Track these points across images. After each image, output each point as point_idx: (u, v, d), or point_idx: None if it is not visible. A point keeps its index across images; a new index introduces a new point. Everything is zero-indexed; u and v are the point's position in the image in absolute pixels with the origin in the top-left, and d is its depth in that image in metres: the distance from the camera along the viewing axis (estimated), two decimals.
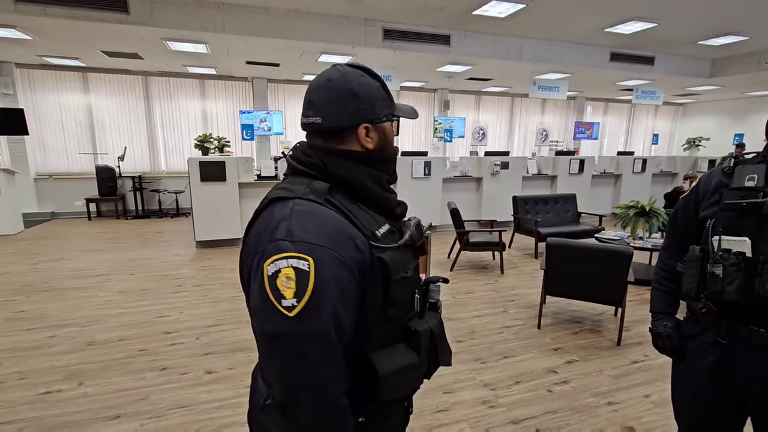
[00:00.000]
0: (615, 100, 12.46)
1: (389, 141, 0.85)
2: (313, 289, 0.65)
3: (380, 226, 0.78)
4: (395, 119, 0.86)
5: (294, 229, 0.69)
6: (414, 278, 0.83)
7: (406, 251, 0.81)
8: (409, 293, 0.82)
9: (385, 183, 0.86)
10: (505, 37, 6.94)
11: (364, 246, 0.73)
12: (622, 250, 2.97)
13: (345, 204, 0.76)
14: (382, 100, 0.83)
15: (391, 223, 0.83)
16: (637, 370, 2.68)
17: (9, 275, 4.43)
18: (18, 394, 2.36)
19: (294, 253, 0.66)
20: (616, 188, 8.44)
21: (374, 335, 0.76)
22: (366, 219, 0.77)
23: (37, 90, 7.82)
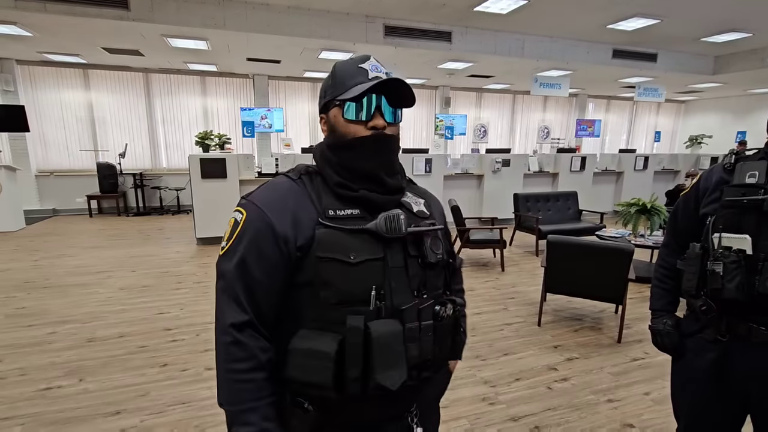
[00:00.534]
0: (617, 98, 12.41)
1: (338, 127, 0.82)
2: (236, 235, 0.78)
3: (343, 209, 0.80)
4: (337, 104, 0.81)
5: (254, 192, 0.83)
6: (369, 271, 0.77)
7: (362, 238, 0.78)
8: (357, 285, 0.76)
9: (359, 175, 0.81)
10: (507, 34, 6.91)
11: (308, 220, 0.78)
12: (623, 247, 2.96)
13: (315, 184, 0.83)
14: (328, 88, 0.84)
15: (366, 211, 0.81)
16: (637, 368, 2.68)
17: (10, 272, 4.45)
18: (18, 390, 2.37)
19: (238, 207, 0.82)
20: (617, 186, 8.42)
21: (305, 314, 0.79)
22: (328, 200, 0.81)
23: (38, 87, 7.82)
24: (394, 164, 0.87)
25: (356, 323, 0.75)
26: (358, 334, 0.74)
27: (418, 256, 0.83)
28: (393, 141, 0.85)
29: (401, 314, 0.78)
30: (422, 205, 0.92)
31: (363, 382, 0.75)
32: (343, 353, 0.74)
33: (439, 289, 0.89)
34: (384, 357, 0.75)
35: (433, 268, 0.85)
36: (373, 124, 0.80)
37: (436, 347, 0.83)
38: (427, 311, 0.82)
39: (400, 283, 0.80)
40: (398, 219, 0.79)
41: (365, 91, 0.78)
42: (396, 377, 0.76)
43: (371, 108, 0.80)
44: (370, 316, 0.76)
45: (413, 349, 0.79)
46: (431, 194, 1.02)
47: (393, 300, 0.79)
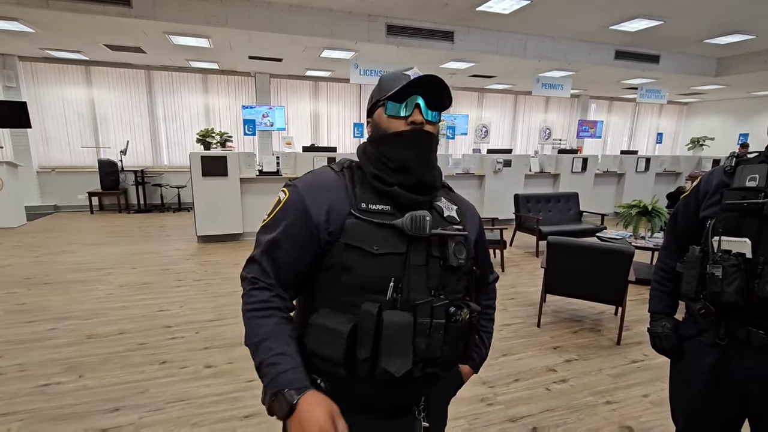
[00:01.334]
0: (619, 99, 12.39)
1: (381, 124, 0.89)
2: (276, 212, 0.87)
3: (376, 204, 0.86)
4: (381, 104, 0.89)
5: (300, 177, 0.92)
6: (389, 264, 0.83)
7: (387, 232, 0.83)
8: (376, 274, 0.82)
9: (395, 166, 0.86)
10: (509, 34, 6.90)
11: (341, 210, 0.85)
12: (623, 249, 2.95)
13: (354, 177, 0.90)
14: (374, 94, 0.92)
15: (396, 208, 0.87)
16: (636, 370, 2.68)
17: (11, 268, 4.46)
18: (18, 386, 2.37)
19: (284, 188, 0.90)
20: (618, 187, 8.41)
21: (327, 295, 0.86)
22: (363, 194, 0.87)
23: (40, 83, 7.83)
24: (431, 159, 0.90)
25: (371, 309, 0.80)
26: (370, 320, 0.80)
27: (440, 258, 0.87)
28: (430, 137, 0.89)
29: (415, 308, 0.83)
30: (454, 211, 0.95)
31: (371, 364, 0.81)
32: (356, 335, 0.80)
33: (459, 294, 0.91)
34: (392, 344, 0.80)
35: (454, 272, 0.89)
36: (412, 119, 0.86)
37: (446, 347, 0.85)
38: (441, 310, 0.85)
39: (418, 280, 0.85)
40: (423, 219, 0.83)
41: (405, 89, 0.84)
42: (400, 365, 0.81)
43: (411, 105, 0.86)
44: (385, 305, 0.82)
45: (421, 343, 0.83)
46: (470, 205, 1.05)
47: (409, 294, 0.84)
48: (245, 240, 5.93)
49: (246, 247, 5.51)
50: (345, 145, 9.85)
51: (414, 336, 0.82)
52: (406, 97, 0.85)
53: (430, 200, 0.92)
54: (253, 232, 5.93)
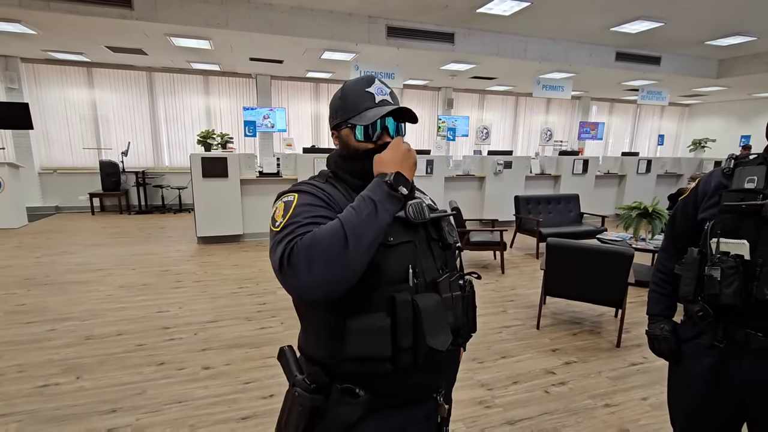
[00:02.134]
0: (620, 101, 12.38)
1: (350, 144, 0.93)
2: (293, 208, 0.84)
3: None
4: (348, 126, 0.93)
5: (295, 184, 0.94)
6: (404, 252, 0.87)
7: (395, 224, 0.86)
8: (396, 264, 0.86)
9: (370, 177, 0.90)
10: (510, 36, 6.90)
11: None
12: (623, 251, 2.94)
13: (341, 186, 0.94)
14: (339, 109, 0.95)
15: None
16: (635, 373, 2.66)
17: (11, 269, 4.46)
18: (16, 386, 2.37)
19: (287, 193, 0.90)
20: (620, 189, 8.39)
21: (353, 299, 0.83)
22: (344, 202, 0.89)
23: (42, 84, 7.86)
24: None
25: (405, 298, 0.84)
26: (408, 308, 0.84)
27: (438, 239, 0.95)
28: None
29: (437, 287, 0.90)
30: (428, 199, 1.02)
31: (414, 351, 0.85)
32: (395, 327, 0.83)
33: (456, 270, 1.00)
34: (432, 324, 0.85)
35: (450, 250, 0.98)
36: (381, 143, 0.92)
37: (465, 316, 0.95)
38: (455, 284, 0.94)
39: (428, 262, 0.91)
40: (422, 207, 0.91)
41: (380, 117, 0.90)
42: (444, 340, 0.87)
43: (379, 130, 0.92)
44: (410, 291, 0.86)
45: (450, 317, 0.90)
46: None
47: (425, 277, 0.90)
48: (245, 241, 5.93)
49: (246, 249, 5.52)
50: None
51: (445, 311, 0.89)
52: (373, 124, 0.91)
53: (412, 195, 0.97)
54: (254, 233, 5.93)
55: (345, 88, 0.95)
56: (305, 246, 0.74)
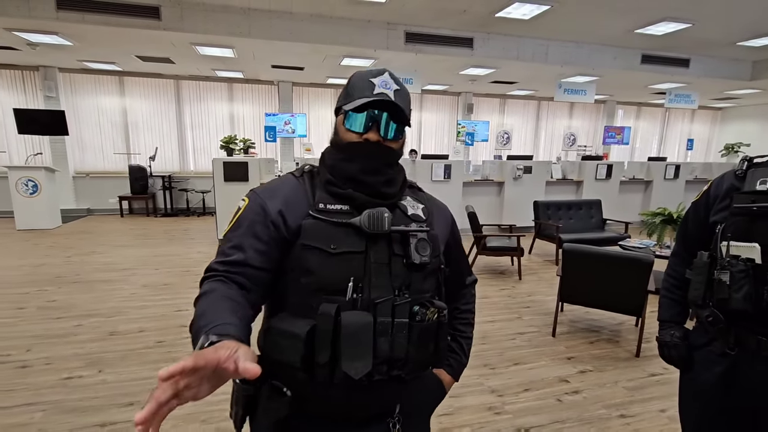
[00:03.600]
0: (648, 104, 12.02)
1: (340, 132, 0.89)
2: (237, 219, 0.86)
3: (334, 204, 0.85)
4: (342, 113, 0.89)
5: (262, 184, 0.93)
6: (348, 263, 0.81)
7: (345, 231, 0.82)
8: (335, 274, 0.80)
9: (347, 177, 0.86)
10: (530, 39, 6.83)
11: (300, 212, 0.84)
12: (642, 257, 2.86)
13: (314, 182, 0.90)
14: (341, 95, 0.92)
15: (355, 208, 0.85)
16: (654, 384, 2.57)
17: (44, 267, 4.70)
18: (43, 378, 2.50)
19: (243, 196, 0.90)
20: (645, 195, 8.13)
21: (287, 299, 0.84)
22: (321, 195, 0.86)
23: (78, 93, 8.27)
24: (385, 174, 0.87)
25: (328, 310, 0.78)
26: (328, 321, 0.77)
27: (403, 256, 0.84)
28: (387, 151, 0.87)
29: (375, 308, 0.80)
30: (419, 209, 0.93)
31: (330, 368, 0.78)
32: (314, 338, 0.77)
33: (426, 293, 0.88)
34: (351, 346, 0.77)
35: (419, 271, 0.85)
36: (366, 137, 0.85)
37: (411, 347, 0.82)
38: (403, 309, 0.82)
39: (381, 280, 0.82)
40: (381, 216, 0.81)
41: (365, 105, 0.84)
42: (360, 367, 0.78)
43: (368, 122, 0.85)
44: (345, 306, 0.79)
45: (383, 344, 0.80)
46: (441, 205, 1.03)
47: (371, 293, 0.81)
48: None
49: None
50: None
51: (375, 336, 0.79)
52: (366, 109, 0.84)
53: (393, 202, 0.89)
54: None
55: (354, 74, 0.91)
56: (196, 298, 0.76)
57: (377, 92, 0.84)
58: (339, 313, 0.78)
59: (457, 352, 1.08)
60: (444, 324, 0.88)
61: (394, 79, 0.88)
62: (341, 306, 0.79)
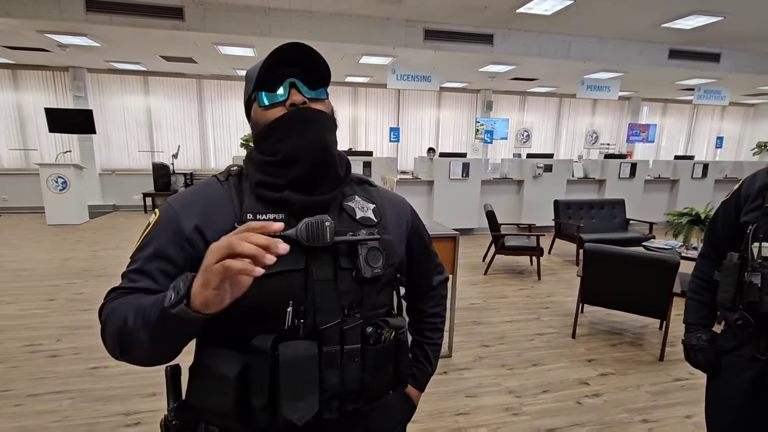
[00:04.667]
0: (675, 101, 11.64)
1: (260, 121, 0.75)
2: (145, 236, 0.73)
3: (265, 213, 0.71)
4: (253, 99, 0.75)
5: (175, 193, 0.78)
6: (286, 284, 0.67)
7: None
8: (270, 299, 0.66)
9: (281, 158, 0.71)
10: (552, 35, 6.70)
11: (222, 224, 0.69)
12: (667, 258, 2.77)
13: (242, 186, 0.75)
14: (246, 89, 0.78)
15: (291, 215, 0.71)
16: (679, 389, 2.49)
17: (72, 260, 4.87)
18: (71, 367, 2.59)
19: (158, 207, 0.76)
20: (671, 194, 7.88)
21: (214, 328, 0.66)
22: (250, 203, 0.72)
23: (104, 92, 8.53)
24: (325, 140, 0.73)
25: (262, 343, 0.65)
26: (263, 357, 0.65)
27: (351, 269, 0.72)
28: (320, 114, 0.73)
29: (320, 335, 0.68)
30: (370, 211, 0.79)
31: (271, 412, 0.66)
32: (248, 379, 0.65)
33: (382, 308, 0.77)
34: (293, 385, 0.66)
35: (372, 284, 0.73)
36: (290, 102, 0.72)
37: (367, 375, 0.72)
38: (354, 333, 0.71)
39: (327, 300, 0.70)
40: (322, 226, 0.67)
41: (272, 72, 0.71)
42: (304, 410, 0.66)
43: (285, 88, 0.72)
44: (285, 335, 0.67)
45: (332, 377, 0.69)
46: (396, 198, 0.89)
47: (315, 318, 0.69)
48: None
49: None
50: (382, 150, 9.93)
51: (321, 369, 0.68)
52: (277, 83, 0.72)
53: (339, 200, 0.76)
54: None
55: (247, 71, 0.79)
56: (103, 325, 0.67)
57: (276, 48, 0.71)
58: (276, 345, 0.66)
59: (422, 361, 0.96)
60: (403, 342, 0.78)
61: None
62: (279, 336, 0.66)
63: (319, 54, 0.74)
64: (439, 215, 6.32)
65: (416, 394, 0.95)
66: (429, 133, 10.32)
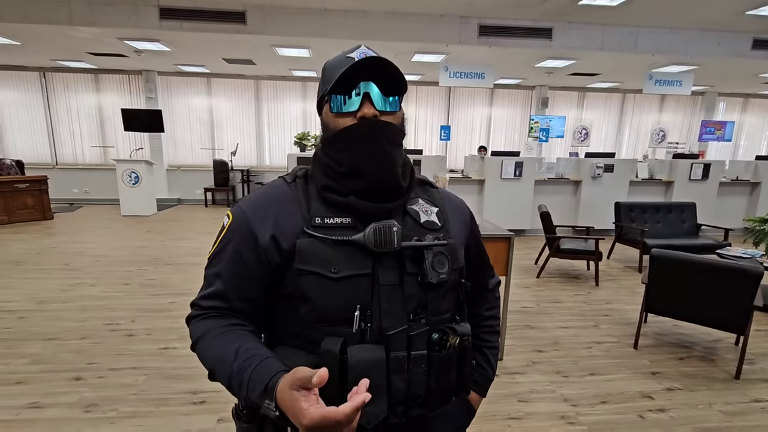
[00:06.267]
0: (757, 95, 10.55)
1: (329, 124, 0.75)
2: (220, 240, 0.76)
3: (333, 217, 0.72)
4: (326, 100, 0.75)
5: (246, 196, 0.80)
6: (353, 288, 0.69)
7: (347, 250, 0.70)
8: (338, 303, 0.69)
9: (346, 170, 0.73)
10: (616, 27, 6.31)
11: (293, 228, 0.72)
12: (748, 268, 2.53)
13: (308, 188, 0.77)
14: (319, 86, 0.78)
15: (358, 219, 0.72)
16: (758, 411, 2.28)
17: (144, 249, 5.30)
18: (145, 346, 2.83)
19: (228, 211, 0.79)
20: (752, 198, 7.17)
21: (286, 329, 0.74)
22: (318, 207, 0.74)
23: (172, 93, 9.16)
24: (389, 155, 0.73)
25: (332, 346, 0.66)
26: (332, 359, 0.65)
27: (417, 274, 0.73)
28: (387, 127, 0.73)
29: (387, 340, 0.69)
30: (434, 214, 0.80)
31: None
32: None
33: (445, 314, 0.78)
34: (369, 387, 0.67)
35: (436, 289, 0.74)
36: (361, 114, 0.71)
37: (432, 381, 0.72)
38: (421, 339, 0.71)
39: (393, 304, 0.71)
40: (390, 231, 0.69)
41: (349, 78, 0.70)
42: (373, 414, 0.66)
43: (359, 96, 0.71)
44: (353, 339, 0.68)
45: (399, 382, 0.69)
46: (456, 200, 0.90)
47: (382, 322, 0.70)
48: None
49: None
50: (432, 148, 9.87)
51: (388, 374, 0.68)
52: (352, 87, 0.71)
53: (402, 204, 0.77)
54: None
55: (326, 62, 0.78)
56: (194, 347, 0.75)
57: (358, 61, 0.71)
58: (345, 348, 0.67)
59: (483, 366, 0.96)
60: (468, 349, 0.78)
61: (371, 49, 0.76)
62: (347, 339, 0.68)
63: (396, 66, 0.73)
64: (490, 215, 6.18)
65: (477, 399, 0.95)
66: (480, 131, 10.10)
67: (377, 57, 0.72)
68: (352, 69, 0.70)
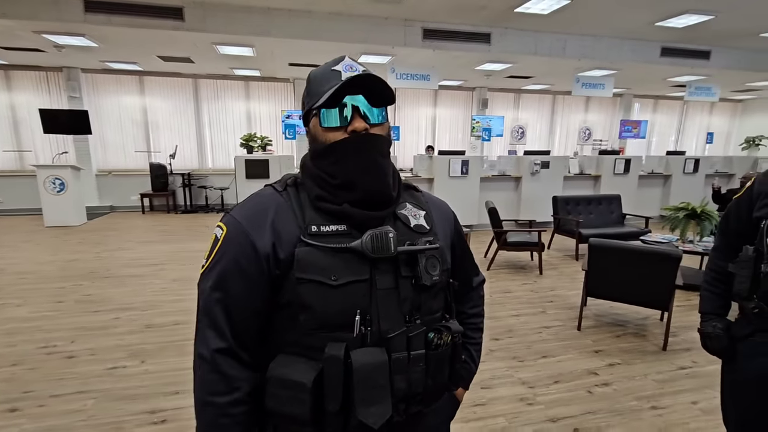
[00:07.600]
0: (666, 97, 11.85)
1: (318, 137, 0.76)
2: (215, 253, 0.74)
3: (328, 225, 0.74)
4: (315, 113, 0.75)
5: (237, 206, 0.79)
6: (353, 294, 0.71)
7: (345, 257, 0.72)
8: (338, 309, 0.71)
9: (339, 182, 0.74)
10: (548, 34, 6.79)
11: (290, 237, 0.73)
12: (671, 252, 2.87)
13: (300, 197, 0.78)
14: (305, 98, 0.79)
15: (353, 227, 0.74)
16: (684, 377, 2.60)
17: (76, 262, 4.85)
18: (90, 368, 2.61)
19: (219, 222, 0.77)
20: (664, 189, 8.06)
21: (286, 338, 0.75)
22: (312, 215, 0.75)
23: (100, 93, 8.45)
24: (381, 167, 0.76)
25: (336, 352, 0.69)
26: (337, 364, 0.68)
27: (411, 277, 0.76)
28: (377, 140, 0.75)
29: (388, 343, 0.72)
30: (422, 218, 0.82)
31: (344, 417, 0.70)
32: (322, 384, 0.69)
33: (436, 313, 0.81)
34: (366, 391, 0.69)
35: (428, 290, 0.78)
36: (352, 129, 0.73)
37: (429, 379, 0.76)
38: (419, 339, 0.75)
39: (390, 307, 0.74)
40: (386, 237, 0.72)
41: (338, 93, 0.72)
42: (379, 414, 0.69)
43: (348, 110, 0.73)
44: (353, 343, 0.71)
45: (400, 382, 0.72)
46: (439, 203, 0.93)
47: (380, 326, 0.73)
48: None
49: None
50: None
51: (390, 375, 0.71)
52: (340, 100, 0.72)
53: (392, 210, 0.79)
54: None
55: (310, 73, 0.79)
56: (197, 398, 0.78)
57: (345, 77, 0.72)
58: (348, 353, 0.69)
59: (467, 361, 1.00)
60: (459, 346, 0.82)
61: (355, 61, 0.78)
62: (349, 344, 0.70)
63: (385, 82, 0.75)
64: None
65: (462, 392, 1.01)
66: (426, 131, 10.39)
67: (365, 75, 0.73)
68: (341, 86, 0.72)
